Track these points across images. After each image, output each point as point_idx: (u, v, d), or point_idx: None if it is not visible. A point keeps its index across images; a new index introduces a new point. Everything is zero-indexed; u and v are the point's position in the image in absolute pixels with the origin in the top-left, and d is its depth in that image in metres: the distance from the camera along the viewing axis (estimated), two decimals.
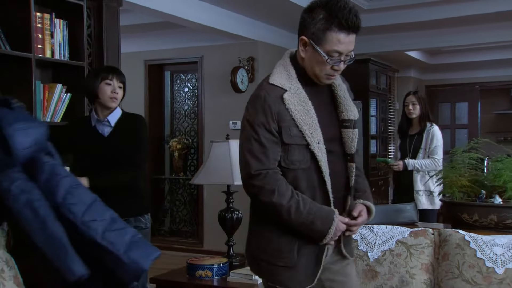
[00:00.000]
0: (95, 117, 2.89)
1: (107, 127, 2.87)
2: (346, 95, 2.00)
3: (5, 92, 3.18)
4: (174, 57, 6.50)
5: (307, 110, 1.87)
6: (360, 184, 2.04)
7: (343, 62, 1.87)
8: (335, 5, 1.82)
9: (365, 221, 1.98)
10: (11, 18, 3.14)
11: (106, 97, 2.83)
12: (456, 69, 9.11)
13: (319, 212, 1.85)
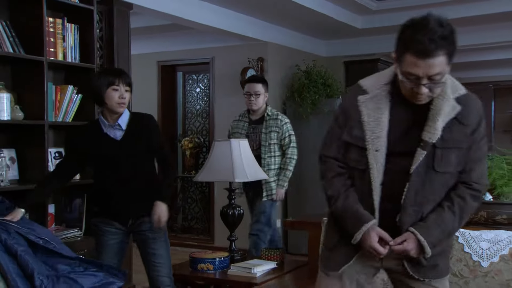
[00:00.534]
0: (105, 123, 2.85)
1: (119, 131, 2.84)
2: (438, 117, 1.83)
3: (20, 93, 3.37)
4: (186, 58, 6.64)
5: (378, 118, 1.86)
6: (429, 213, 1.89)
7: (424, 85, 1.76)
8: (417, 28, 1.74)
9: (408, 251, 1.86)
10: (24, 24, 3.32)
11: (113, 102, 2.80)
12: (469, 68, 9.08)
13: (355, 214, 1.89)
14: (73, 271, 2.53)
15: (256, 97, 4.21)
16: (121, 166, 2.81)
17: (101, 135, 2.84)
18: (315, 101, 5.89)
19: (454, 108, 1.84)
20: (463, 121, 1.85)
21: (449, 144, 1.84)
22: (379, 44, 6.82)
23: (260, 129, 4.23)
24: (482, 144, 1.90)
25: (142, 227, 2.87)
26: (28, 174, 3.37)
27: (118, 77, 2.81)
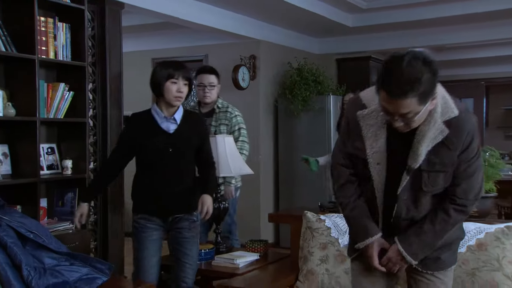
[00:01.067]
0: (161, 115, 2.85)
1: (173, 124, 2.84)
2: (420, 144, 1.88)
3: (12, 90, 3.48)
4: (180, 55, 6.74)
5: (377, 134, 1.93)
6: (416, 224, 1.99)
7: (397, 120, 1.82)
8: (389, 68, 1.78)
9: (390, 259, 2.01)
10: (16, 23, 3.41)
11: (171, 96, 2.78)
12: (462, 65, 9.19)
13: (359, 223, 2.04)
14: (59, 265, 2.66)
15: (211, 88, 3.95)
16: (169, 159, 2.81)
17: (154, 126, 2.83)
18: (306, 98, 6.00)
19: (442, 132, 1.87)
20: (450, 146, 1.88)
21: (435, 167, 1.91)
22: (370, 42, 6.94)
23: (209, 122, 3.93)
24: (473, 162, 1.92)
25: (180, 225, 2.88)
26: (21, 168, 3.48)
27: (177, 71, 2.80)
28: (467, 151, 1.90)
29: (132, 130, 2.90)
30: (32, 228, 2.70)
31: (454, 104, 1.90)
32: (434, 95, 1.81)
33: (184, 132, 2.85)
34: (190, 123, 2.89)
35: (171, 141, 2.81)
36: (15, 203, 3.35)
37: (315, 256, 2.89)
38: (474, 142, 1.92)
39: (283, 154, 6.33)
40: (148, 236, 2.87)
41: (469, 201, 1.97)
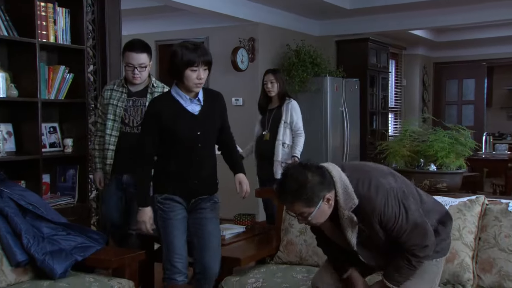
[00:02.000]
0: (185, 97, 2.74)
1: (198, 105, 2.76)
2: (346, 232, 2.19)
3: (15, 73, 3.69)
4: (182, 37, 6.91)
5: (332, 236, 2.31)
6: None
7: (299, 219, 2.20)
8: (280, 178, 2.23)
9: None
10: (18, 8, 3.61)
11: (191, 83, 2.68)
12: (464, 46, 9.25)
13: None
14: (56, 234, 2.90)
15: (141, 70, 3.37)
16: (196, 142, 2.75)
17: (180, 109, 2.74)
18: (303, 80, 6.16)
19: (351, 219, 2.14)
20: (366, 224, 2.14)
21: (370, 239, 2.19)
22: (370, 24, 7.05)
23: (142, 102, 3.40)
24: (398, 225, 2.12)
25: (202, 205, 2.83)
26: (24, 146, 3.71)
27: (197, 57, 2.65)
28: (383, 222, 2.13)
29: (157, 116, 2.75)
30: (32, 200, 2.93)
31: (354, 193, 2.12)
32: (325, 197, 2.09)
33: (209, 112, 2.78)
34: (212, 102, 2.81)
35: (199, 123, 2.74)
36: (20, 178, 3.58)
37: (294, 228, 3.09)
38: (385, 215, 2.12)
39: None
40: (177, 215, 2.79)
41: (416, 249, 2.16)
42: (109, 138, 3.45)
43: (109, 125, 3.44)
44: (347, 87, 6.55)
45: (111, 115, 3.44)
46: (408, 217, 2.13)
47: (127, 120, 3.43)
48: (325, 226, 2.28)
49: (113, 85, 3.54)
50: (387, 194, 2.12)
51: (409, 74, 9.41)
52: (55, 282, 2.68)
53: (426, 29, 8.35)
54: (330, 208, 2.14)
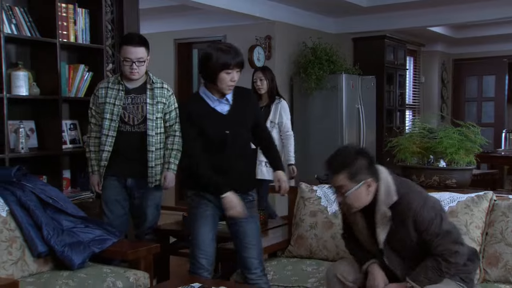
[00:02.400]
0: (213, 98, 2.75)
1: (226, 105, 2.77)
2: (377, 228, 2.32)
3: (37, 71, 3.83)
4: (200, 36, 7.03)
5: (360, 231, 2.42)
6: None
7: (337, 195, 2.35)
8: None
9: None
10: (40, 10, 3.75)
11: (224, 85, 2.69)
12: (484, 42, 9.16)
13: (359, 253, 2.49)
14: (75, 227, 3.02)
15: (140, 64, 3.26)
16: (226, 141, 2.74)
17: (208, 110, 2.75)
18: (319, 77, 6.21)
19: (389, 219, 2.27)
20: (399, 223, 2.27)
21: (400, 242, 2.30)
22: (385, 21, 7.06)
23: (142, 99, 3.32)
24: (430, 229, 2.24)
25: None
26: (46, 142, 3.84)
27: (232, 60, 2.66)
28: (417, 225, 2.25)
29: (189, 116, 2.76)
30: (52, 194, 3.06)
31: (395, 191, 2.29)
32: (367, 181, 2.25)
33: (238, 111, 2.77)
34: (243, 100, 2.80)
35: (227, 123, 2.74)
36: (42, 173, 3.72)
37: (305, 222, 3.16)
38: (420, 217, 2.24)
39: (298, 130, 6.57)
40: (204, 211, 2.81)
41: (446, 254, 2.25)
42: (105, 138, 3.31)
43: (105, 125, 3.30)
44: (363, 84, 6.58)
45: (108, 114, 3.30)
46: (442, 225, 2.25)
47: (126, 118, 3.30)
48: (357, 223, 2.39)
49: (107, 82, 3.40)
50: (426, 200, 2.29)
51: (427, 71, 9.37)
52: (74, 272, 2.80)
53: (444, 26, 8.30)
54: (367, 196, 2.28)
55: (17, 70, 3.61)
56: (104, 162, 3.35)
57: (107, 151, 3.33)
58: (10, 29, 3.56)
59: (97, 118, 3.40)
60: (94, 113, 3.42)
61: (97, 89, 3.42)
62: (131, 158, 3.32)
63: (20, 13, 3.65)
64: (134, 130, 3.32)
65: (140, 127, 3.31)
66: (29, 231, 2.85)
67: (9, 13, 3.58)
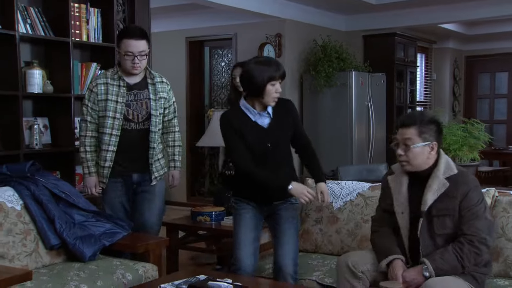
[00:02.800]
0: (254, 111, 2.79)
1: (267, 118, 2.80)
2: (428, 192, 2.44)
3: (51, 70, 3.93)
4: (212, 34, 7.11)
5: (400, 191, 2.53)
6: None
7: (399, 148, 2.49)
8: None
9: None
10: (53, 10, 3.86)
11: (270, 98, 2.73)
12: (497, 39, 9.11)
13: (382, 247, 2.53)
14: (86, 221, 3.12)
15: (142, 58, 3.16)
16: (267, 154, 2.78)
17: (249, 123, 2.78)
18: (329, 74, 6.25)
19: (443, 185, 2.42)
20: (450, 195, 2.41)
21: (442, 212, 2.42)
22: (396, 18, 7.07)
23: (145, 95, 3.23)
24: (473, 208, 2.39)
25: (279, 206, 2.86)
26: (59, 139, 3.95)
27: (276, 72, 2.72)
28: (466, 199, 2.40)
29: (232, 127, 2.80)
30: (64, 189, 3.15)
31: (454, 166, 2.49)
32: (432, 143, 2.43)
33: (279, 123, 2.80)
34: (283, 112, 2.83)
35: (268, 136, 2.77)
36: (55, 169, 3.83)
37: (311, 217, 3.22)
38: (472, 193, 2.42)
39: (308, 127, 6.62)
40: (246, 212, 2.84)
41: (475, 237, 2.36)
42: (109, 138, 3.17)
43: (108, 123, 3.16)
44: (373, 81, 6.61)
45: (111, 112, 3.15)
46: (485, 211, 2.43)
47: (130, 116, 3.19)
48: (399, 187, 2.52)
49: (105, 78, 3.22)
50: (479, 186, 2.48)
51: (439, 68, 9.35)
52: (85, 264, 2.89)
53: (456, 23, 8.27)
54: (426, 159, 2.44)
55: (32, 69, 3.72)
56: (109, 163, 3.21)
57: (111, 151, 3.19)
58: (25, 28, 3.66)
59: (93, 115, 3.22)
60: (90, 110, 3.22)
61: (94, 85, 3.22)
62: (135, 156, 3.24)
63: (35, 13, 3.76)
64: (139, 128, 3.22)
65: (145, 124, 3.22)
66: (42, 224, 2.94)
67: (24, 13, 3.69)
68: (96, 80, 3.25)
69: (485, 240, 2.37)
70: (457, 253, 2.35)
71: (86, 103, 3.25)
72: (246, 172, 2.77)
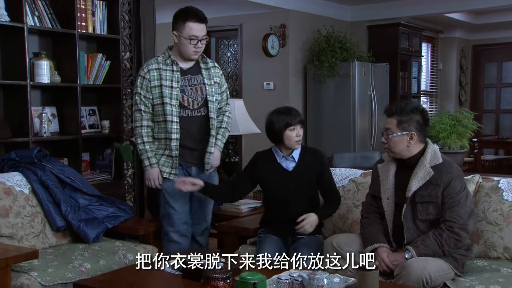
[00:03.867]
0: (280, 154, 2.97)
1: (292, 162, 2.97)
2: (413, 180, 2.56)
3: (58, 61, 4.09)
4: (217, 25, 7.21)
5: (388, 177, 2.67)
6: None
7: (383, 136, 2.69)
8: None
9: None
10: (60, 2, 4.00)
11: (292, 142, 2.91)
12: (505, 28, 9.10)
13: (369, 234, 2.66)
14: (90, 205, 3.29)
15: (204, 43, 3.11)
16: (290, 195, 2.94)
17: (275, 164, 2.98)
18: (332, 64, 6.35)
19: (428, 173, 2.55)
20: (434, 182, 2.54)
21: (425, 198, 2.55)
22: (401, 8, 7.14)
23: (200, 80, 3.12)
24: (455, 196, 2.52)
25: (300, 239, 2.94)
26: (66, 127, 4.11)
27: (294, 119, 2.91)
28: (449, 188, 2.53)
29: (256, 168, 3.01)
30: (70, 175, 3.32)
31: (440, 156, 2.60)
32: (412, 133, 2.55)
33: (304, 168, 2.97)
34: (309, 159, 3.00)
35: (291, 179, 2.94)
36: (63, 156, 3.98)
37: None
38: (454, 182, 2.54)
39: (311, 116, 6.76)
40: (269, 238, 2.96)
41: (456, 224, 2.49)
42: (170, 125, 3.05)
43: (167, 110, 3.04)
44: (376, 71, 6.69)
45: (167, 98, 3.03)
46: (467, 200, 2.55)
47: (186, 102, 3.07)
48: (387, 174, 2.65)
49: (157, 63, 3.09)
50: (462, 175, 2.60)
51: (445, 57, 9.38)
52: (89, 246, 3.07)
53: (463, 12, 8.29)
54: (406, 147, 2.57)
55: (40, 60, 3.87)
56: (175, 151, 3.07)
57: (175, 139, 3.06)
58: (33, 21, 3.81)
59: (147, 104, 3.08)
60: (143, 98, 3.07)
61: (146, 71, 3.08)
62: (192, 146, 3.13)
63: (42, 6, 3.91)
64: (194, 115, 3.11)
65: (200, 110, 3.10)
66: (49, 207, 3.12)
67: (32, 6, 3.84)
68: (148, 66, 3.11)
69: (465, 226, 2.50)
70: (437, 239, 2.48)
71: (138, 91, 3.11)
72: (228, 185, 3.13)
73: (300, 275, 2.14)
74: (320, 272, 2.11)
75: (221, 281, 2.06)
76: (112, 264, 2.90)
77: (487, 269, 2.59)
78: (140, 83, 3.12)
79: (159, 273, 2.47)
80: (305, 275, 2.11)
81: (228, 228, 3.31)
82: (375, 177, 2.78)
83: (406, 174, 2.61)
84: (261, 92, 6.73)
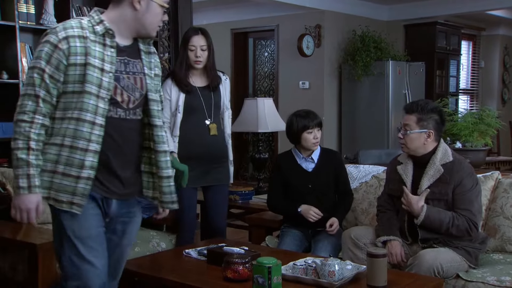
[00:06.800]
0: (300, 155, 3.16)
1: (311, 163, 3.15)
2: (425, 177, 2.63)
3: None
4: (255, 25, 7.41)
5: (408, 178, 2.71)
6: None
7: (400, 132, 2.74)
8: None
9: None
10: None
11: (309, 144, 3.09)
12: None
13: (384, 226, 2.76)
14: None
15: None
16: (309, 194, 3.10)
17: (296, 165, 3.16)
18: (366, 64, 6.43)
19: (439, 171, 2.61)
20: (444, 180, 2.60)
21: (436, 196, 2.60)
22: (439, 7, 7.12)
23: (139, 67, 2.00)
24: (466, 193, 2.57)
25: (320, 232, 3.10)
26: None
27: (311, 122, 3.09)
28: (460, 186, 2.58)
29: (281, 170, 3.20)
30: None
31: (451, 154, 2.67)
32: (429, 131, 2.61)
33: (322, 169, 3.14)
34: (327, 160, 3.17)
35: (310, 179, 3.12)
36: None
37: None
38: (465, 180, 2.59)
39: (346, 115, 6.85)
40: (290, 232, 3.12)
41: (467, 217, 2.54)
42: (90, 129, 1.90)
43: (89, 104, 1.91)
44: (411, 70, 6.72)
45: (94, 86, 1.91)
46: (477, 198, 2.60)
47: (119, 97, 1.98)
48: (405, 169, 2.73)
49: (81, 28, 1.91)
50: (473, 172, 2.63)
51: (488, 55, 9.24)
52: None
53: (506, 9, 8.17)
54: (422, 145, 2.64)
55: None
56: (88, 171, 1.92)
57: (93, 151, 1.91)
58: None
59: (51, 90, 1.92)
60: (48, 79, 1.91)
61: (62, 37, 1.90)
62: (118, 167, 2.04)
63: (87, 11, 4.18)
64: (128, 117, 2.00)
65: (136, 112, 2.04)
66: None
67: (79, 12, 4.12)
68: (66, 30, 1.91)
69: (476, 225, 2.57)
70: (452, 219, 2.55)
71: (41, 65, 1.90)
72: (270, 207, 3.27)
73: (314, 261, 2.29)
74: (332, 258, 2.24)
75: (241, 265, 2.25)
76: (147, 251, 3.11)
77: (502, 262, 2.66)
78: (46, 54, 1.90)
79: (187, 258, 2.69)
80: (318, 261, 2.25)
81: (256, 220, 3.47)
82: (391, 176, 2.85)
83: (418, 173, 2.68)
84: (296, 91, 6.87)
